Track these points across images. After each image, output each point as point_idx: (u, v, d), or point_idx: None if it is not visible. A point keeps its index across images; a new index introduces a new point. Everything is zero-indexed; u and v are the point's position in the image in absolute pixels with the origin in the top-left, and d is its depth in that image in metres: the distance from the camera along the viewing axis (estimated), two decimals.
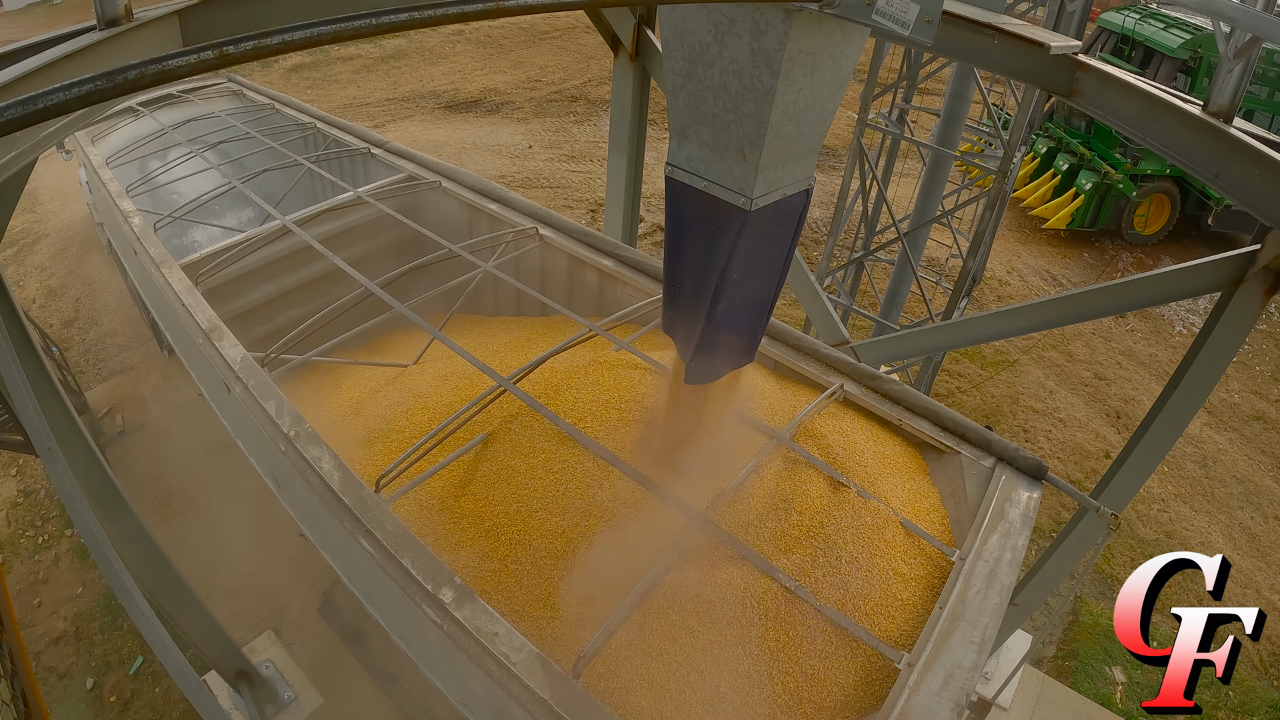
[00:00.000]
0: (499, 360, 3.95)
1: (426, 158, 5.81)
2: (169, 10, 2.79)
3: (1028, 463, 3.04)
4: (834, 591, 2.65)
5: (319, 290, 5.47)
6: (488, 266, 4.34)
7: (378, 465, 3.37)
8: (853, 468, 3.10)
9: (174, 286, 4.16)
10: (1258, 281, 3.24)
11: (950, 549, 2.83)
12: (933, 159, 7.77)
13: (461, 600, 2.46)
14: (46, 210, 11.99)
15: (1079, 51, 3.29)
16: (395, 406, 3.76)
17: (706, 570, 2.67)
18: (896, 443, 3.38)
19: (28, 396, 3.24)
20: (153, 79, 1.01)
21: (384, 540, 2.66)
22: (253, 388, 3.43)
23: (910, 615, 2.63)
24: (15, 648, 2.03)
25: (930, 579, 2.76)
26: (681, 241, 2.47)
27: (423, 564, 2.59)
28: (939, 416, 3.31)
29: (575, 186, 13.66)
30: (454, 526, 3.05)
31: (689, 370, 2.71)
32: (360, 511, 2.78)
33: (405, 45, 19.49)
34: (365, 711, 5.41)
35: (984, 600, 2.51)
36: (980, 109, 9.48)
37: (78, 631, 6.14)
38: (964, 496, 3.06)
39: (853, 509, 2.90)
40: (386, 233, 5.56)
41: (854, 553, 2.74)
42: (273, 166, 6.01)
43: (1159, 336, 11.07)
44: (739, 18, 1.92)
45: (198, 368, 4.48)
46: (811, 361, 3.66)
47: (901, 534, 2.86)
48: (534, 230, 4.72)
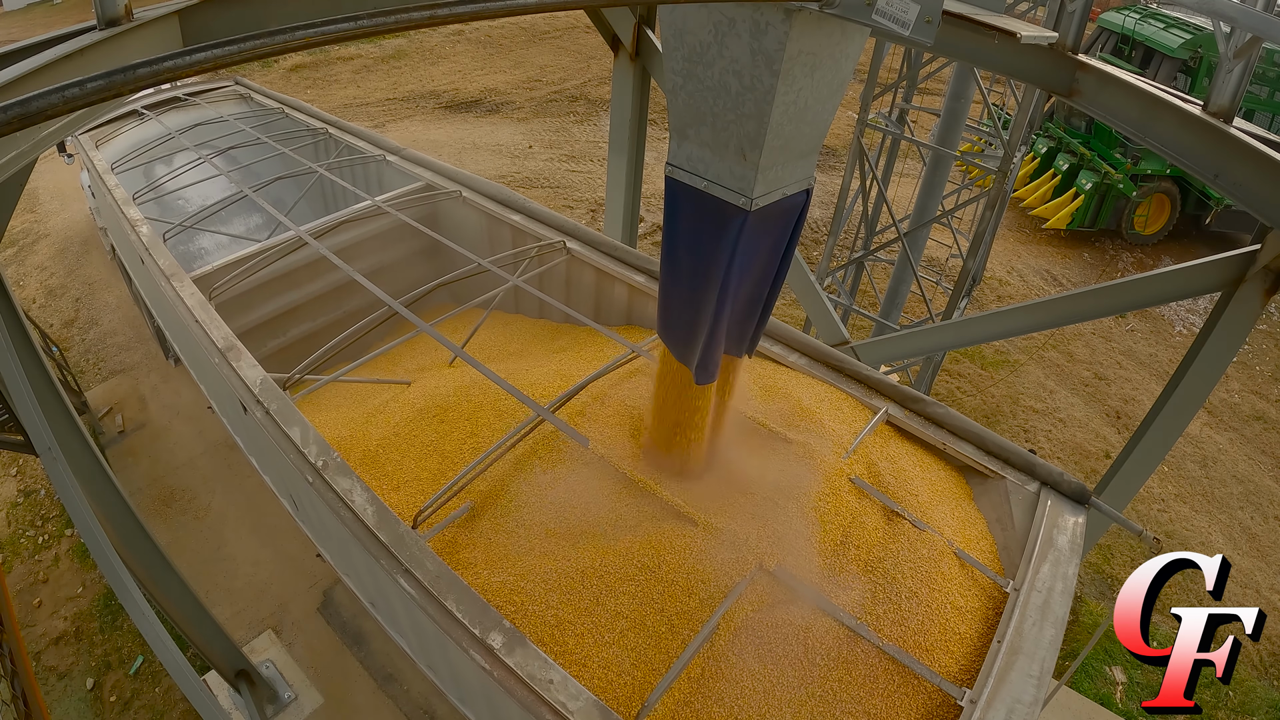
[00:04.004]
0: (527, 373, 3.78)
1: (445, 165, 5.65)
2: (169, 10, 2.79)
3: (1071, 487, 3.00)
4: (894, 628, 2.58)
5: (333, 302, 5.34)
6: (516, 281, 4.19)
7: (404, 488, 3.22)
8: (905, 496, 3.01)
9: (186, 301, 4.02)
10: (1258, 281, 3.24)
11: (1004, 580, 2.78)
12: (933, 159, 7.77)
13: (512, 645, 2.34)
14: (46, 210, 11.99)
15: (1078, 51, 3.29)
16: (418, 423, 3.57)
17: (766, 610, 2.59)
18: (940, 467, 3.30)
19: (28, 396, 3.23)
20: (152, 79, 1.02)
21: (425, 581, 2.54)
22: (275, 413, 3.26)
23: (968, 649, 2.58)
24: (15, 648, 2.04)
25: (985, 611, 2.71)
26: (681, 241, 2.47)
27: (468, 606, 2.45)
28: (983, 440, 3.24)
29: (575, 186, 13.66)
30: (491, 558, 2.90)
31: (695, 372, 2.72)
32: (398, 549, 2.64)
33: (405, 45, 19.48)
34: (365, 711, 5.41)
35: (1040, 632, 2.48)
36: (980, 109, 9.48)
37: (78, 631, 6.14)
38: (1010, 523, 3.01)
39: (909, 541, 2.83)
40: (403, 242, 5.43)
41: (913, 587, 2.68)
42: (286, 174, 5.86)
43: (1159, 336, 11.07)
44: (739, 18, 1.92)
45: (211, 385, 4.33)
46: (853, 384, 3.56)
47: (956, 565, 2.80)
48: (561, 244, 4.57)
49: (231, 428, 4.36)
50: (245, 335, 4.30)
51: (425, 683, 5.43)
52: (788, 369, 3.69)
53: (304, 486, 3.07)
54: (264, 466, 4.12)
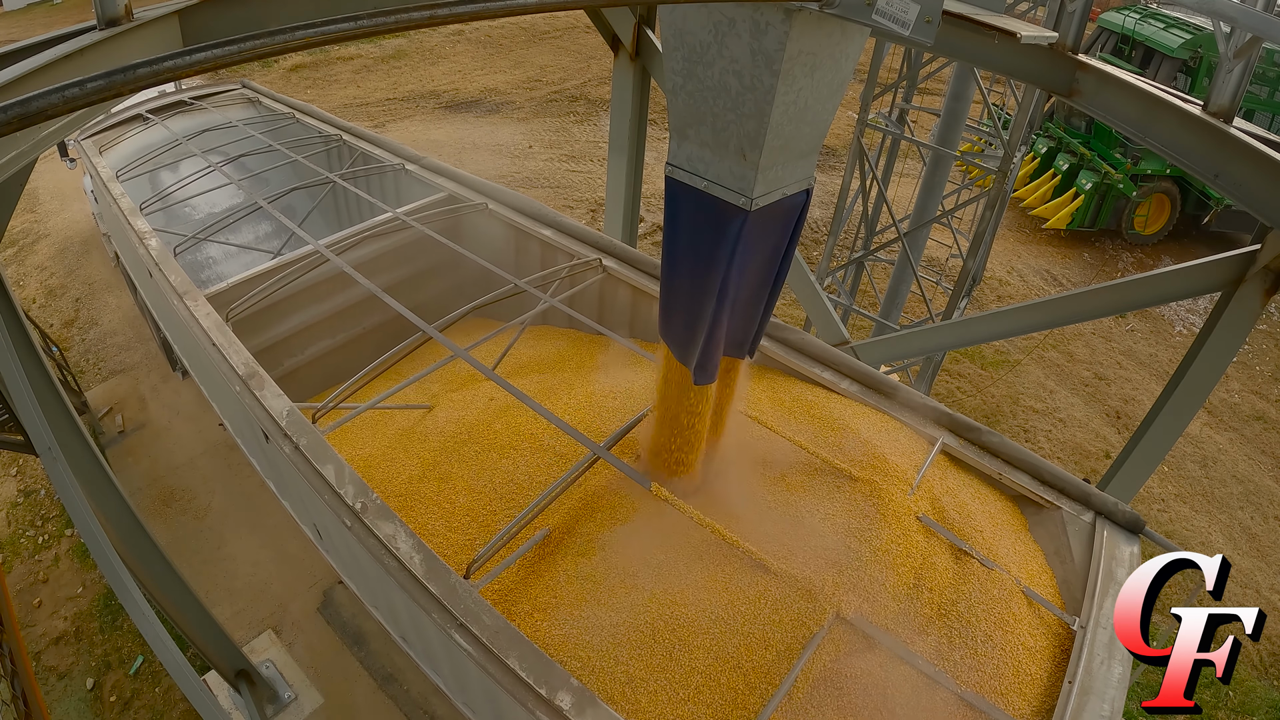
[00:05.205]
0: (565, 395, 3.61)
1: (468, 175, 5.40)
2: (169, 10, 2.79)
3: (1126, 517, 2.97)
4: (971, 674, 2.52)
5: (352, 318, 5.09)
6: (553, 301, 4.01)
7: (444, 530, 3.03)
8: (970, 533, 2.94)
9: (201, 322, 3.79)
10: (1258, 281, 3.24)
11: (1069, 617, 2.73)
12: (933, 159, 7.77)
13: (583, 705, 2.20)
14: (46, 210, 11.99)
15: (1078, 51, 3.29)
16: (452, 456, 3.35)
17: (843, 660, 2.52)
18: (996, 498, 3.22)
19: (28, 396, 3.22)
20: (153, 79, 1.01)
21: (484, 637, 2.37)
22: (305, 448, 3.04)
23: (1040, 691, 2.53)
24: (15, 648, 2.04)
25: (1053, 650, 2.67)
26: (681, 241, 2.47)
27: (532, 664, 2.29)
28: (1038, 469, 3.18)
29: (575, 186, 13.66)
30: (549, 608, 2.75)
31: (695, 371, 2.71)
32: (451, 603, 2.46)
33: (405, 45, 19.48)
34: (365, 711, 5.41)
35: (1108, 671, 2.44)
36: (980, 109, 9.48)
37: (78, 631, 6.14)
38: (1069, 555, 2.96)
39: (979, 582, 2.77)
40: (423, 256, 5.16)
41: (987, 630, 2.62)
42: (301, 185, 5.62)
43: (1159, 336, 11.07)
44: (739, 18, 1.92)
45: (228, 410, 4.12)
46: (905, 410, 3.47)
47: (1025, 604, 2.75)
48: (597, 261, 4.39)
49: (247, 449, 4.17)
50: (261, 354, 4.08)
51: (425, 683, 5.42)
52: (840, 396, 3.59)
53: (338, 528, 2.89)
54: (284, 493, 3.93)
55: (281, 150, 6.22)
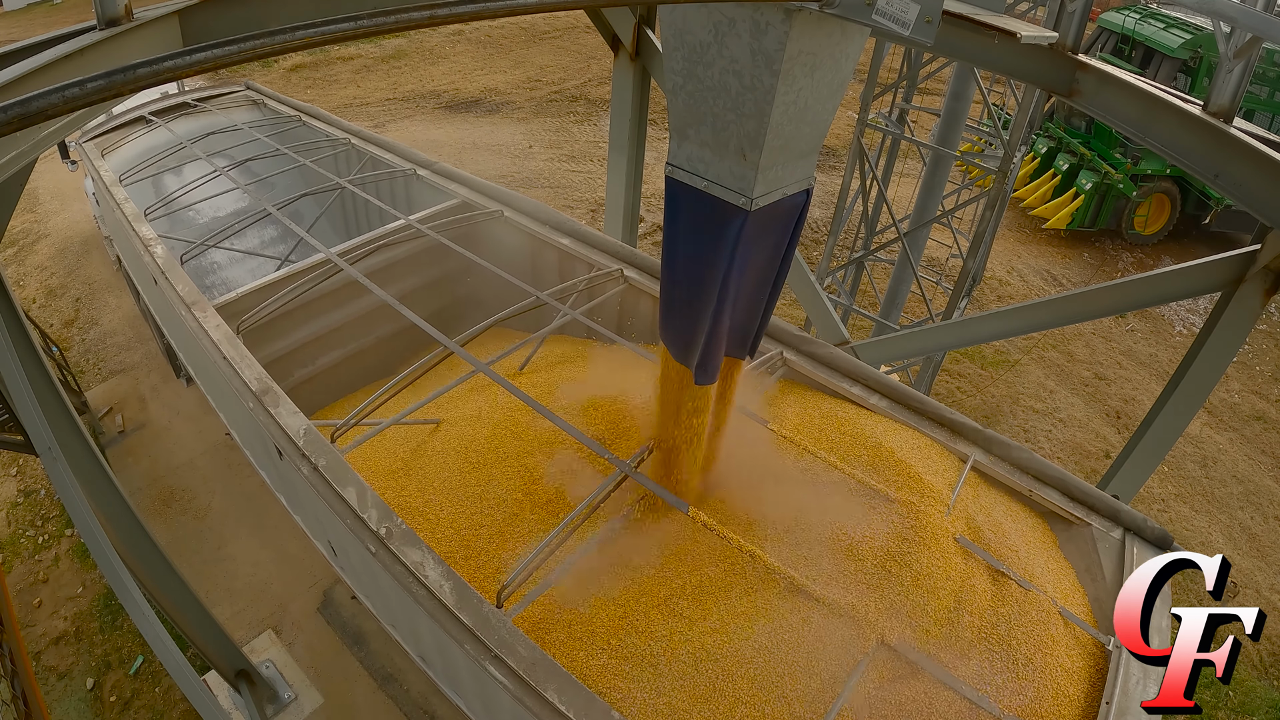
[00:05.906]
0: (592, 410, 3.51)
1: (481, 181, 5.29)
2: (169, 10, 2.79)
3: (1155, 533, 2.96)
4: (1013, 698, 2.50)
5: (363, 328, 4.98)
6: (574, 313, 3.91)
7: (465, 554, 2.94)
8: (1006, 553, 2.91)
9: (211, 335, 3.66)
10: (1258, 281, 3.24)
11: (1105, 636, 2.71)
12: (933, 159, 7.77)
13: None
14: (46, 210, 11.99)
15: (1078, 51, 3.29)
16: (465, 471, 3.25)
17: (886, 686, 2.48)
18: (1026, 515, 3.19)
19: (28, 396, 3.22)
20: (153, 79, 1.01)
21: (520, 669, 2.29)
22: (324, 469, 2.93)
23: (1078, 713, 2.51)
24: (15, 648, 2.03)
25: (1089, 670, 2.65)
26: (681, 241, 2.47)
27: (571, 696, 2.21)
28: (1067, 486, 3.16)
29: (575, 186, 13.66)
30: (583, 636, 2.66)
31: (696, 371, 2.71)
32: (485, 634, 2.38)
33: (405, 45, 19.48)
34: (365, 711, 5.41)
35: (1144, 691, 2.44)
36: (980, 109, 9.48)
37: (78, 631, 6.14)
38: (1099, 573, 2.95)
39: (1017, 604, 2.75)
40: (436, 264, 5.07)
41: (1027, 653, 2.60)
42: (310, 191, 5.49)
43: (1159, 336, 11.07)
44: (739, 18, 1.91)
45: (239, 425, 4.01)
46: (935, 427, 3.43)
47: (1062, 625, 2.73)
48: (619, 272, 4.29)
49: (256, 462, 4.08)
50: (271, 365, 3.97)
51: (425, 682, 5.42)
52: (869, 412, 3.55)
53: (359, 551, 2.80)
54: (296, 509, 3.83)
55: (289, 154, 6.09)
